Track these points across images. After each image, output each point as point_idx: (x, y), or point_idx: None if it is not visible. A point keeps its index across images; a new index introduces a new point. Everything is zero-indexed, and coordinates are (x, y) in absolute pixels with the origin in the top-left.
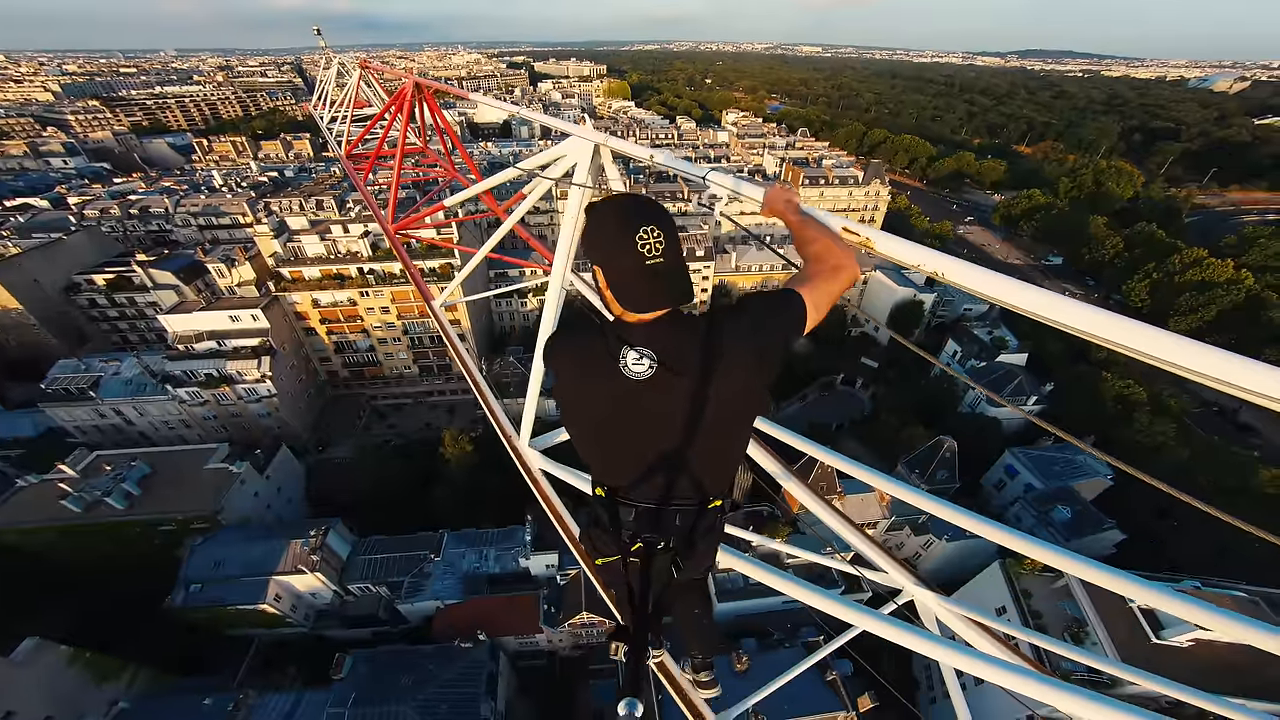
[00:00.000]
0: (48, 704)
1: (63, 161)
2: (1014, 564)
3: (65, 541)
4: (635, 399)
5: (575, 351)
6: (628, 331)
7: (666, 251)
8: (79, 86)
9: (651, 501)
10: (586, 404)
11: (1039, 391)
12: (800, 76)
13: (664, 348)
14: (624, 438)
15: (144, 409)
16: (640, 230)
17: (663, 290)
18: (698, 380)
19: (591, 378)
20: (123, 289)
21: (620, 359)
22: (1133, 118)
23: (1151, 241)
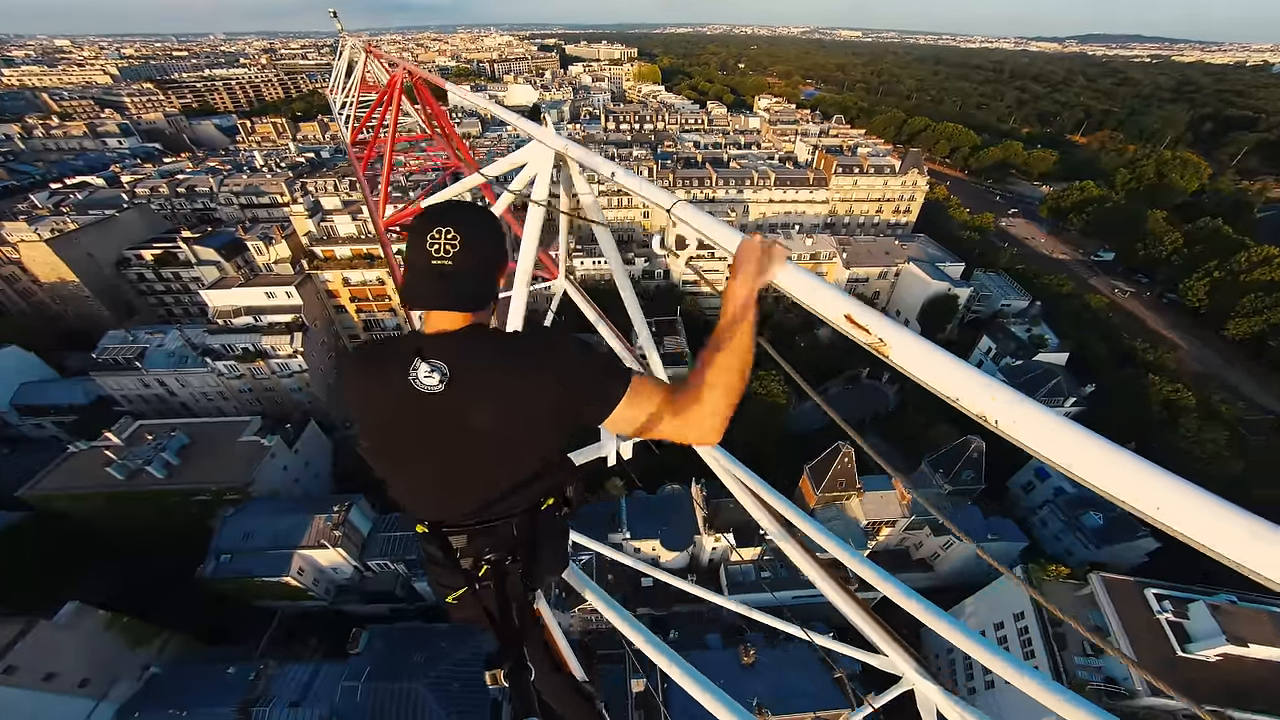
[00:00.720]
0: (86, 666)
1: (118, 142)
2: (1036, 569)
3: (111, 508)
4: (429, 413)
5: (366, 366)
6: (420, 342)
7: (458, 255)
8: (135, 70)
9: (477, 520)
10: (375, 420)
11: (1078, 393)
12: (838, 61)
13: (458, 360)
14: (428, 459)
15: (185, 380)
16: (434, 231)
17: (441, 291)
18: (489, 390)
19: (380, 392)
20: (169, 264)
21: (412, 371)
22: (1205, 105)
23: (1216, 237)
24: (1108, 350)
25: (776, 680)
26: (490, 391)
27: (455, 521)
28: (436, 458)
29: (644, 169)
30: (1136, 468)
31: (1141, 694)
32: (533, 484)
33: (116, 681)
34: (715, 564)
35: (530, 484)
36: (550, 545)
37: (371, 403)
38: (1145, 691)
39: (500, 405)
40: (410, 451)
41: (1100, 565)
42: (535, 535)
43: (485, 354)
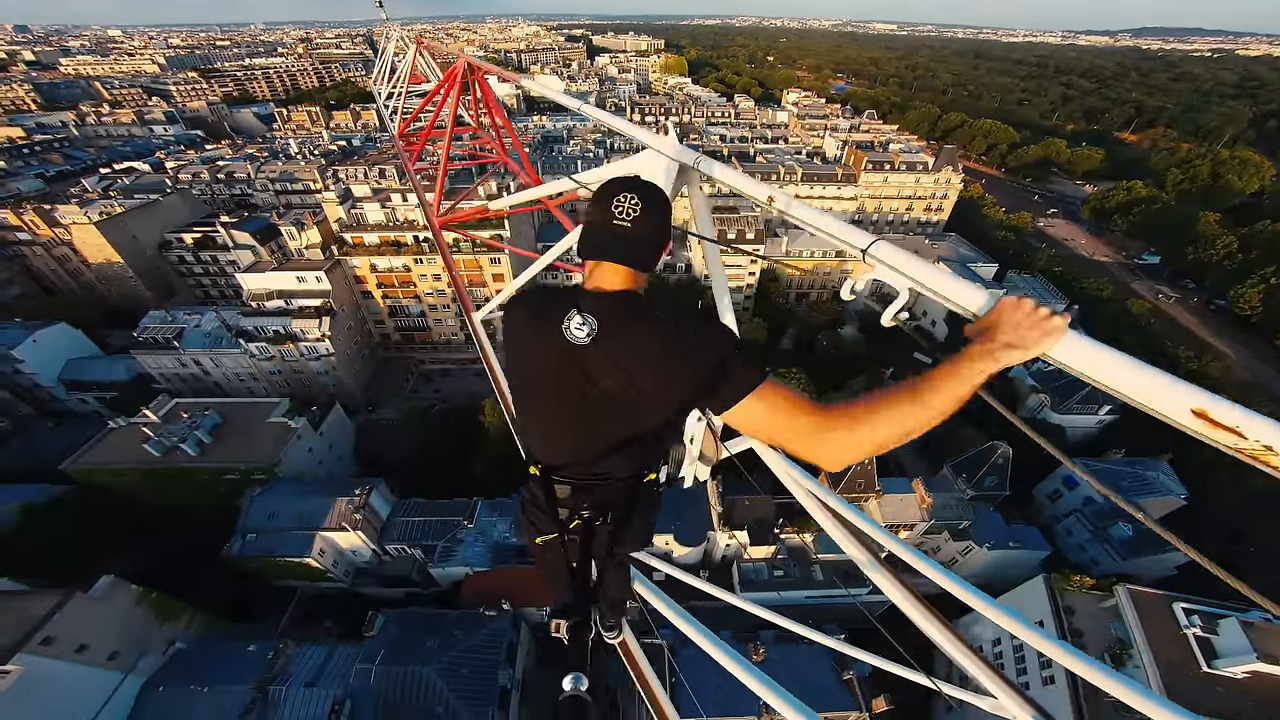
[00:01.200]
0: (116, 639)
1: (164, 129)
2: (1060, 579)
3: (147, 484)
4: (570, 362)
5: (527, 309)
6: (579, 296)
7: (637, 220)
8: (181, 59)
9: (585, 477)
10: (526, 361)
11: (1112, 401)
12: (870, 55)
13: (609, 317)
14: (556, 404)
15: (219, 360)
16: (620, 195)
17: (617, 247)
18: (630, 355)
19: (535, 335)
20: (207, 247)
21: (566, 320)
22: (1270, 102)
23: (1275, 242)
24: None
25: (785, 679)
26: (629, 355)
27: (565, 471)
28: (565, 407)
29: None
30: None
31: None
32: (643, 452)
33: (144, 655)
34: (728, 561)
35: (641, 451)
36: (641, 515)
37: (525, 344)
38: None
39: (634, 370)
40: (545, 396)
41: (1126, 577)
42: (632, 503)
43: (634, 318)
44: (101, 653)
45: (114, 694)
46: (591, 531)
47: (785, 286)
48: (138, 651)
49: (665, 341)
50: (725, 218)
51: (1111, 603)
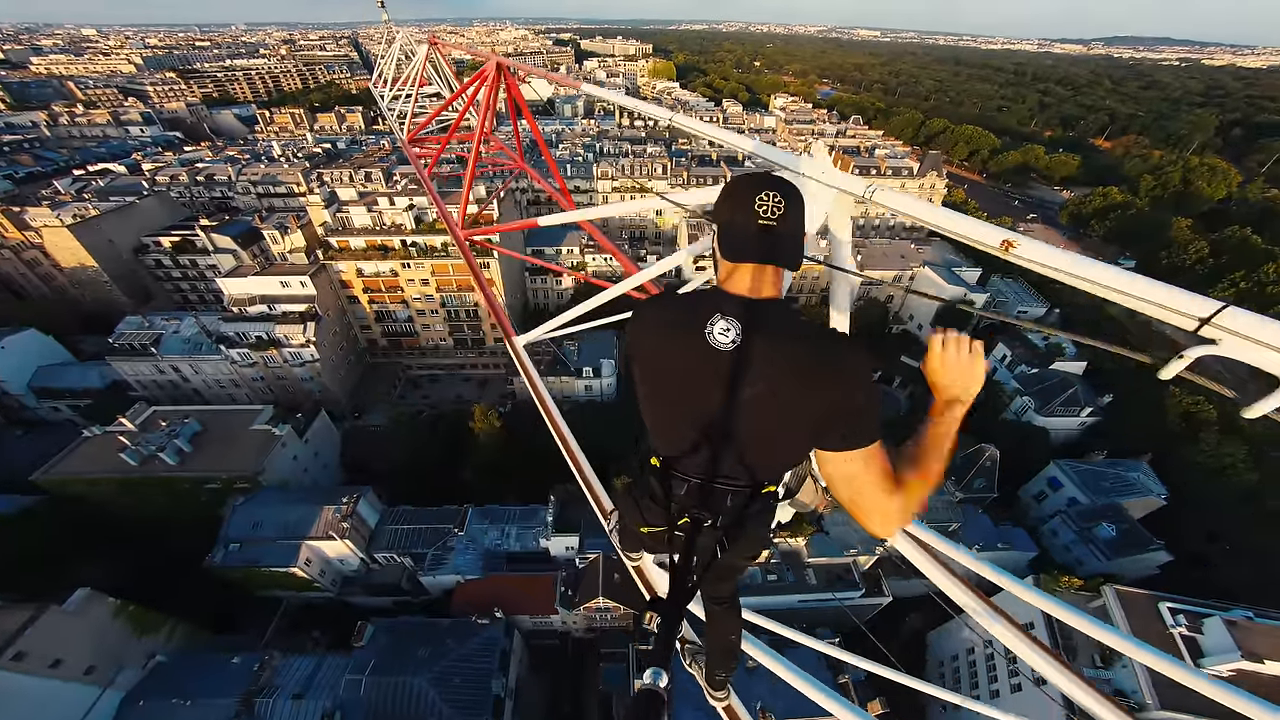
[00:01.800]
0: (92, 653)
1: (140, 130)
2: (1048, 580)
3: (123, 494)
4: (711, 366)
5: (664, 314)
6: (723, 300)
7: (782, 218)
8: (158, 59)
9: (704, 477)
10: (663, 363)
11: (1095, 403)
12: (855, 61)
13: (755, 323)
14: (690, 404)
15: (199, 367)
16: (761, 193)
17: (764, 247)
18: (778, 365)
19: (674, 338)
20: (186, 251)
21: (708, 325)
22: (1235, 110)
23: (1244, 247)
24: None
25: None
26: (774, 364)
27: (686, 470)
28: (699, 410)
29: (658, 165)
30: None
31: (1151, 706)
32: (771, 463)
33: (123, 669)
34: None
35: (769, 462)
36: (755, 526)
37: (661, 347)
38: (1155, 704)
39: (777, 380)
40: (679, 398)
41: (1111, 577)
42: (745, 512)
43: (781, 328)
44: (77, 667)
45: (92, 709)
46: (698, 532)
47: None
48: (116, 665)
49: (813, 356)
50: None
51: (1099, 603)
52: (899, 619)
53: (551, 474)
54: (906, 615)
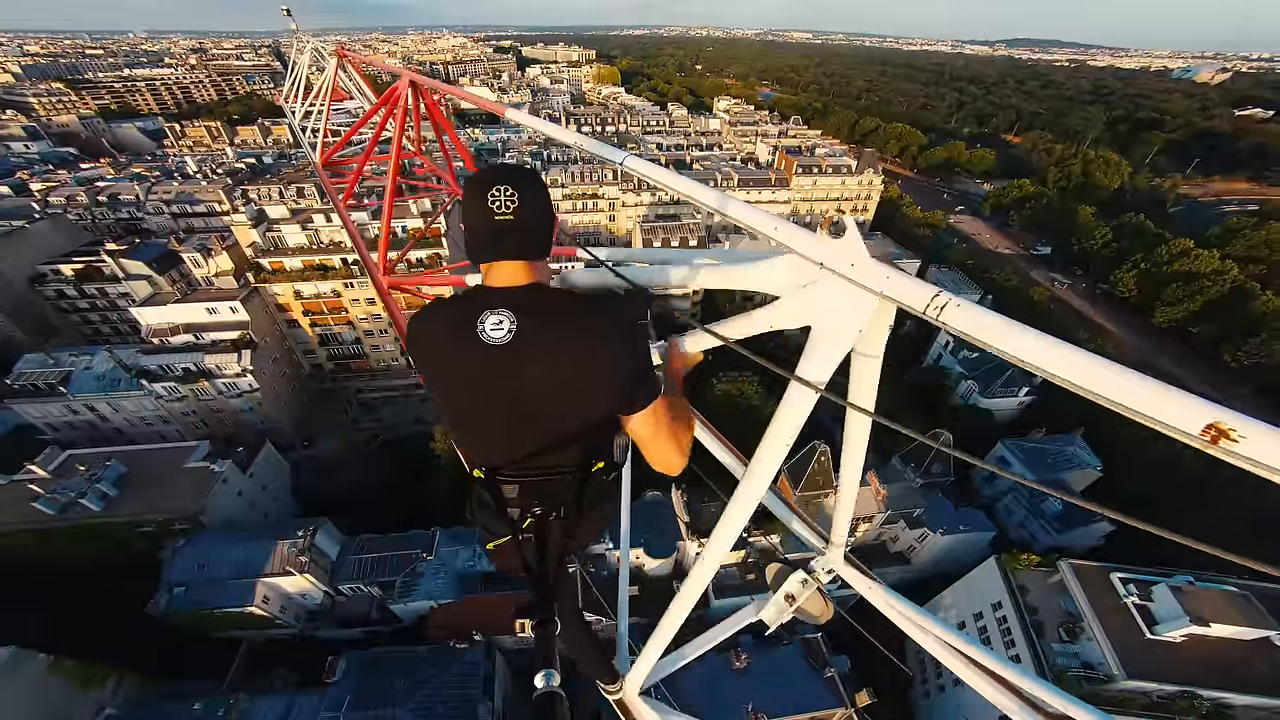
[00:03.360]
0: (30, 714)
1: (24, 146)
2: (1010, 559)
3: (42, 545)
4: (493, 362)
5: (433, 324)
6: (487, 297)
7: (518, 211)
8: (41, 68)
9: (532, 473)
10: (449, 374)
11: (1031, 383)
12: (790, 63)
13: (523, 310)
14: (488, 406)
15: (119, 405)
16: (492, 189)
17: (506, 243)
18: (557, 343)
19: (450, 345)
20: (92, 279)
21: (479, 324)
22: (1118, 108)
23: (1140, 232)
24: None
25: (769, 684)
26: (552, 347)
27: (510, 470)
28: (497, 408)
29: (609, 171)
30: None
31: (1118, 677)
32: (584, 441)
33: None
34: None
35: (582, 440)
36: (596, 508)
37: (441, 355)
38: (1122, 675)
39: (559, 360)
40: (475, 401)
41: (1062, 550)
42: (582, 495)
43: (550, 309)
44: None
45: None
46: (546, 528)
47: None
48: None
49: (584, 326)
50: (666, 226)
51: (1057, 578)
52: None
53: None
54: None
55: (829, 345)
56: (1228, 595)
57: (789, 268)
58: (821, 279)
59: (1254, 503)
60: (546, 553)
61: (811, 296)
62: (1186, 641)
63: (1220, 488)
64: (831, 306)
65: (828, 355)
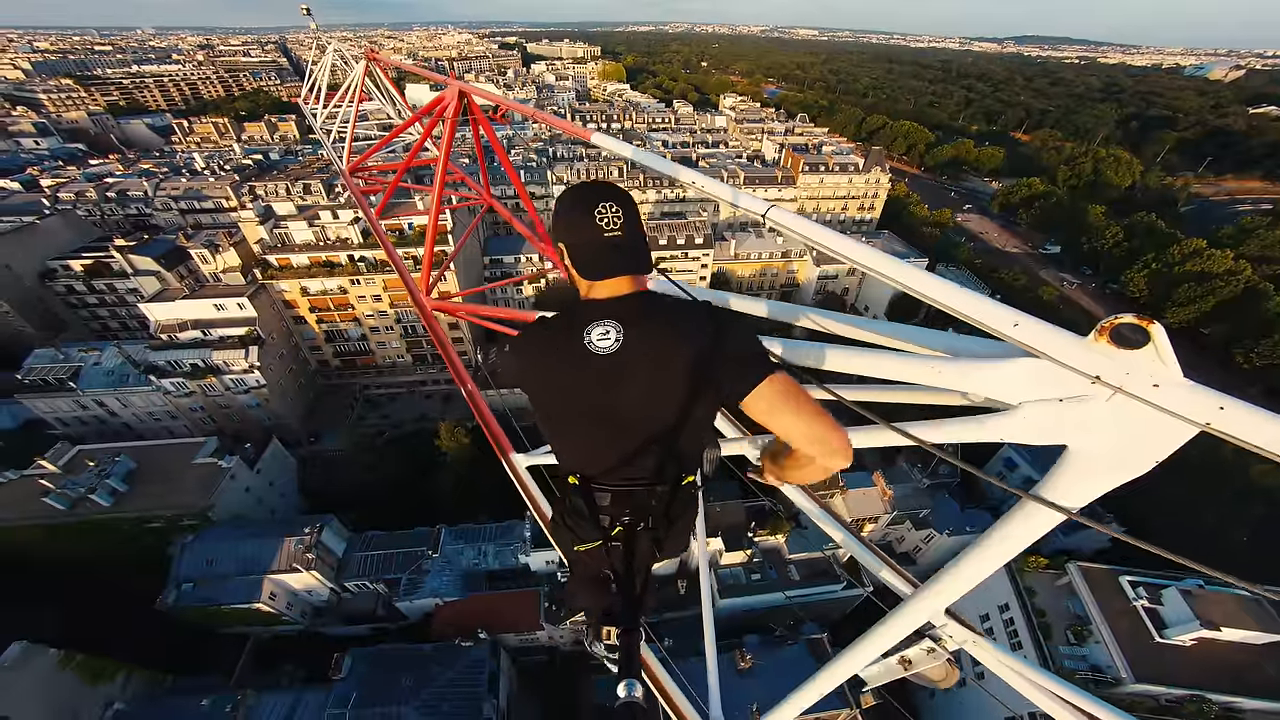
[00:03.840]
0: (41, 709)
1: (34, 142)
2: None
3: (52, 540)
4: (600, 373)
5: (541, 338)
6: (593, 309)
7: (625, 227)
8: (51, 64)
9: (626, 483)
10: (553, 383)
11: None
12: (797, 60)
13: (631, 319)
14: (590, 415)
15: (127, 400)
16: (599, 206)
17: (620, 260)
18: (664, 350)
19: (557, 357)
20: (102, 275)
21: (586, 335)
22: (1129, 105)
23: (1151, 231)
24: None
25: (774, 684)
26: (656, 351)
27: (604, 479)
28: (602, 418)
29: (614, 168)
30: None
31: (1125, 681)
32: (680, 453)
33: None
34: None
35: (678, 452)
36: (684, 518)
37: (549, 371)
38: (1130, 678)
39: (663, 365)
40: (580, 412)
41: (1070, 552)
42: (671, 507)
43: (654, 315)
44: None
45: None
46: (634, 538)
47: (736, 289)
48: (70, 719)
49: (682, 321)
50: (672, 223)
51: (1065, 580)
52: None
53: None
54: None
55: (1098, 471)
56: (1239, 599)
57: (1035, 377)
58: (1094, 395)
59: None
60: (634, 561)
61: (1074, 413)
62: (1196, 645)
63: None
64: (1111, 429)
65: (1093, 481)
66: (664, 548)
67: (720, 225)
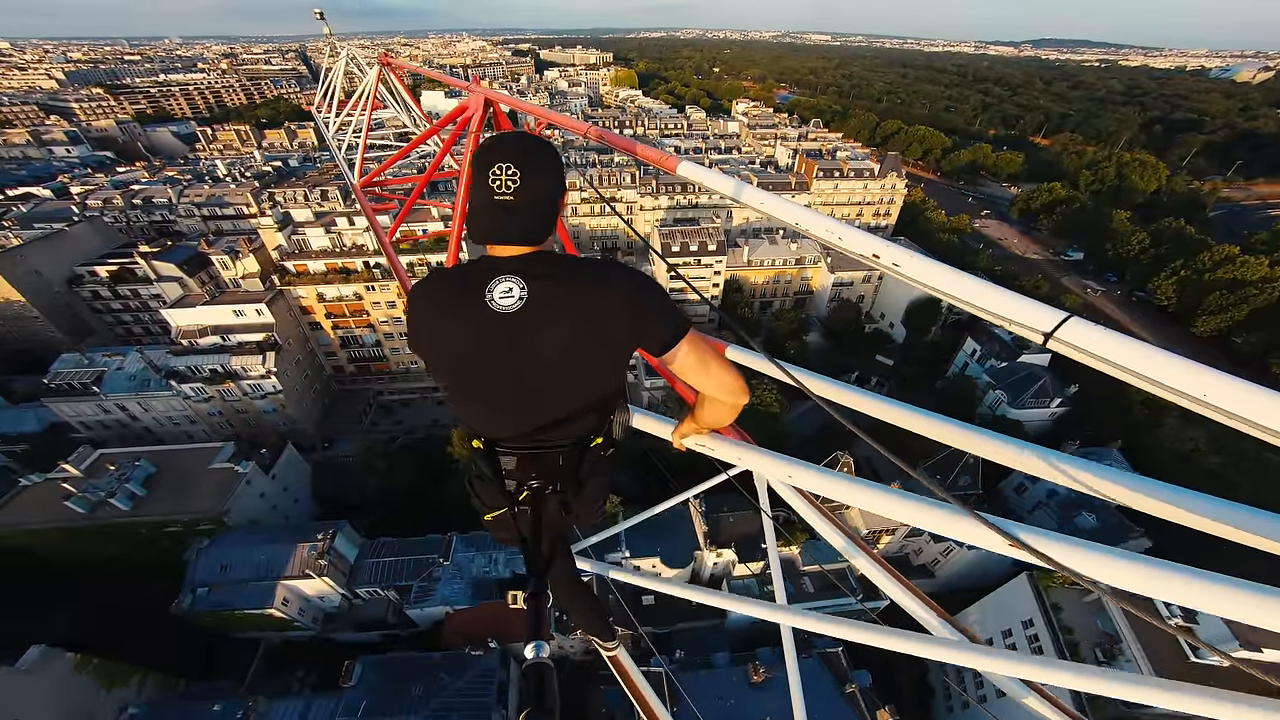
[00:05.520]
0: (56, 713)
1: (66, 150)
2: (1042, 576)
3: (72, 543)
4: (503, 331)
5: (438, 293)
6: (497, 264)
7: (519, 190)
8: (83, 74)
9: (530, 445)
10: (452, 343)
11: (1063, 394)
12: (809, 65)
13: (534, 276)
14: (494, 376)
15: (148, 405)
16: (494, 167)
17: (505, 225)
18: (574, 307)
19: (456, 314)
20: (126, 281)
21: (487, 291)
22: (1153, 108)
23: (1180, 238)
24: None
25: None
26: (566, 308)
27: (509, 442)
28: (503, 378)
29: (626, 175)
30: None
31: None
32: (588, 413)
33: None
34: (717, 579)
35: (585, 413)
36: (593, 483)
37: (446, 325)
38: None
39: (574, 322)
40: (479, 371)
41: None
42: (579, 470)
43: (560, 273)
44: None
45: None
46: (542, 501)
47: (749, 297)
48: None
49: (594, 284)
50: (685, 229)
51: (1094, 597)
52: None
53: None
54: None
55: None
56: None
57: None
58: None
59: None
60: (542, 526)
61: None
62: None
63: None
64: None
65: None
66: (572, 510)
67: (734, 231)
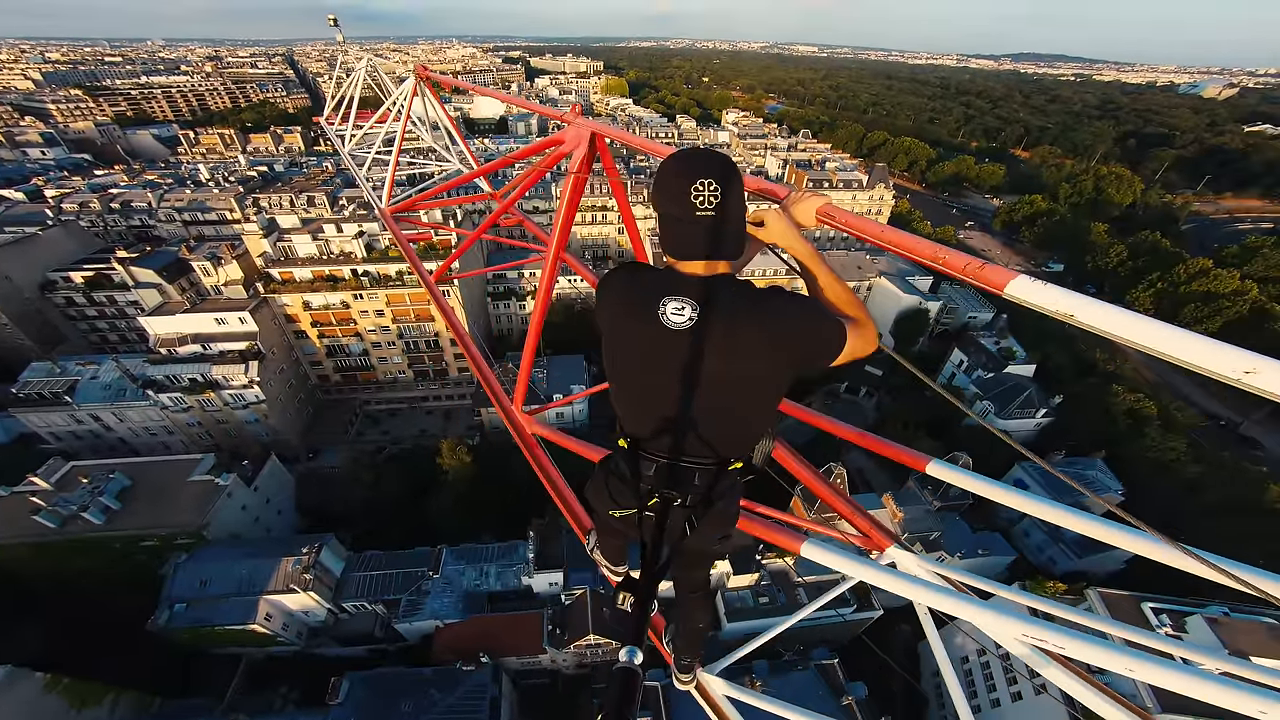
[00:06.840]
0: None
1: (40, 152)
2: (1034, 585)
3: (40, 558)
4: (668, 347)
5: (625, 288)
6: (676, 280)
7: (719, 207)
8: (61, 75)
9: (671, 456)
10: (623, 343)
11: (1048, 404)
12: (797, 76)
13: (710, 301)
14: (652, 385)
15: (124, 415)
16: (697, 183)
17: (703, 242)
18: (733, 340)
19: (632, 317)
20: (102, 287)
21: (661, 305)
22: (1126, 122)
23: (1156, 251)
24: (1070, 361)
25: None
26: (735, 337)
27: (654, 450)
28: (663, 389)
29: None
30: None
31: (1152, 711)
32: (736, 437)
33: None
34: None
35: (734, 437)
36: (723, 503)
37: (621, 326)
38: (1156, 708)
39: (742, 351)
40: (641, 376)
41: (1081, 574)
42: (713, 489)
43: (737, 301)
44: None
45: None
46: (668, 513)
47: None
48: None
49: (770, 320)
50: None
51: (1085, 606)
52: (890, 631)
53: (528, 508)
54: (897, 626)
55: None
56: (1269, 627)
57: None
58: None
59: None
60: (663, 536)
61: None
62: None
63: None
64: None
65: None
66: (698, 529)
67: None
